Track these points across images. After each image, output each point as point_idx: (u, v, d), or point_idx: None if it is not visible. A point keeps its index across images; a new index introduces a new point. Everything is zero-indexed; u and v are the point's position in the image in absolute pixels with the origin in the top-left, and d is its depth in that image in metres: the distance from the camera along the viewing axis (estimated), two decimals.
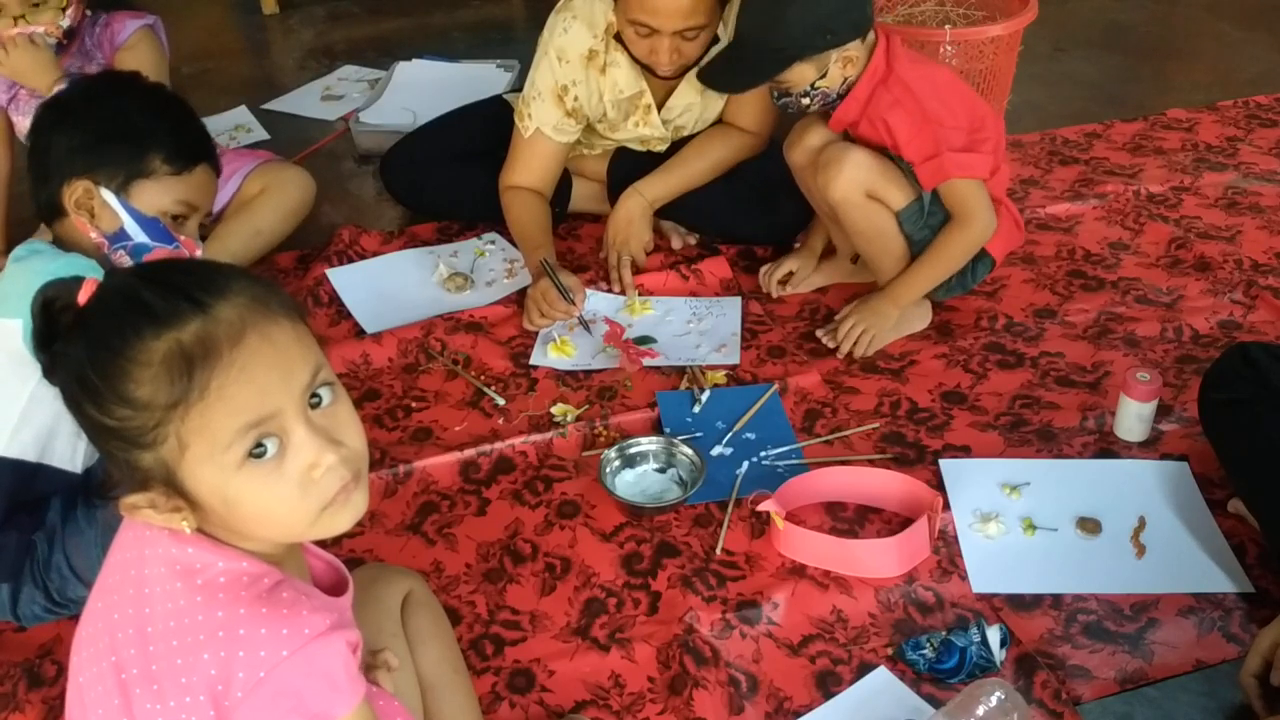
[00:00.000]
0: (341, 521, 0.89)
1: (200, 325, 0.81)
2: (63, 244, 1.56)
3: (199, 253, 1.59)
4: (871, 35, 1.82)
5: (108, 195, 1.53)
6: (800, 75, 1.79)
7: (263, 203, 2.29)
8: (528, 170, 2.22)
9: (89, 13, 2.19)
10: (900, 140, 1.81)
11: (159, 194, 1.56)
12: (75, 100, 1.60)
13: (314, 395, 0.87)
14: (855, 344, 1.95)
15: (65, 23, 2.09)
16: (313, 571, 1.01)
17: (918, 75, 1.80)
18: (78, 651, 0.92)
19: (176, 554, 0.87)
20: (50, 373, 0.87)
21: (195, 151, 1.60)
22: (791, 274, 2.13)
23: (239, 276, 0.87)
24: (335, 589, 0.99)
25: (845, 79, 1.81)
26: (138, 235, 1.56)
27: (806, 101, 1.84)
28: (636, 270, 2.19)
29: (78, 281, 0.86)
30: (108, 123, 1.54)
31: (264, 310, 0.85)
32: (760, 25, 1.77)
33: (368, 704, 0.89)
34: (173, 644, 0.84)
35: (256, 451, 0.83)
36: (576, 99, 2.13)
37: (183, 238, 1.58)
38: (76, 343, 0.84)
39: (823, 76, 1.79)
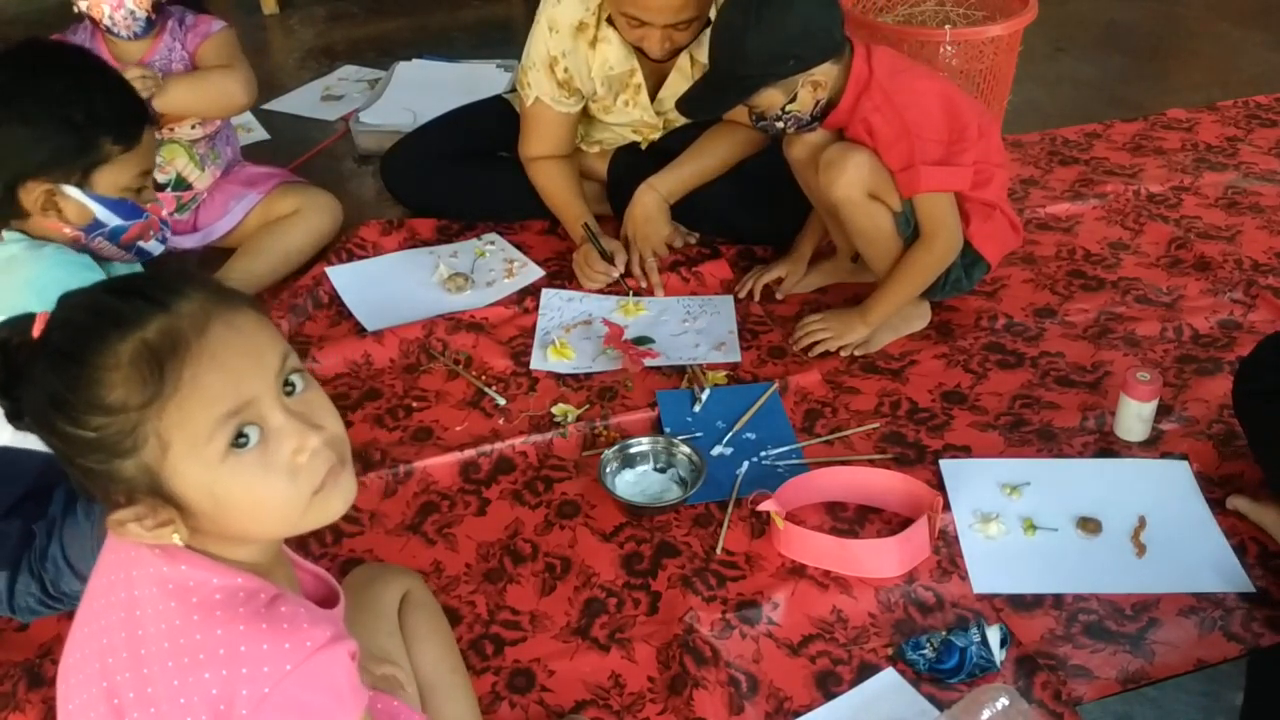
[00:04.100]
0: (334, 506, 0.88)
1: (163, 320, 0.81)
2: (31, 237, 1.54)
3: (165, 212, 1.60)
4: (847, 51, 1.81)
5: (72, 191, 1.51)
6: (768, 100, 1.80)
7: (295, 225, 2.27)
8: (540, 139, 2.24)
9: (172, 9, 2.21)
10: (880, 147, 1.82)
11: (118, 174, 1.54)
12: None
13: (287, 383, 0.86)
14: (811, 345, 1.96)
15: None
16: (302, 585, 1.00)
17: (898, 84, 1.80)
18: (65, 679, 0.90)
19: (168, 573, 0.85)
20: (15, 416, 0.85)
21: (138, 120, 1.57)
22: (781, 280, 2.14)
23: (193, 277, 0.87)
24: (325, 602, 0.98)
25: (817, 101, 1.81)
26: (111, 220, 1.55)
27: (780, 125, 1.85)
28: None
29: (29, 319, 0.86)
30: (39, 118, 1.49)
31: (225, 301, 0.84)
32: (725, 52, 1.79)
33: (369, 713, 0.89)
34: (169, 665, 0.82)
35: (239, 442, 0.82)
36: (566, 70, 2.13)
37: (149, 206, 1.59)
38: (39, 369, 0.82)
39: (792, 100, 1.80)
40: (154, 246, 1.67)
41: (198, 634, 0.83)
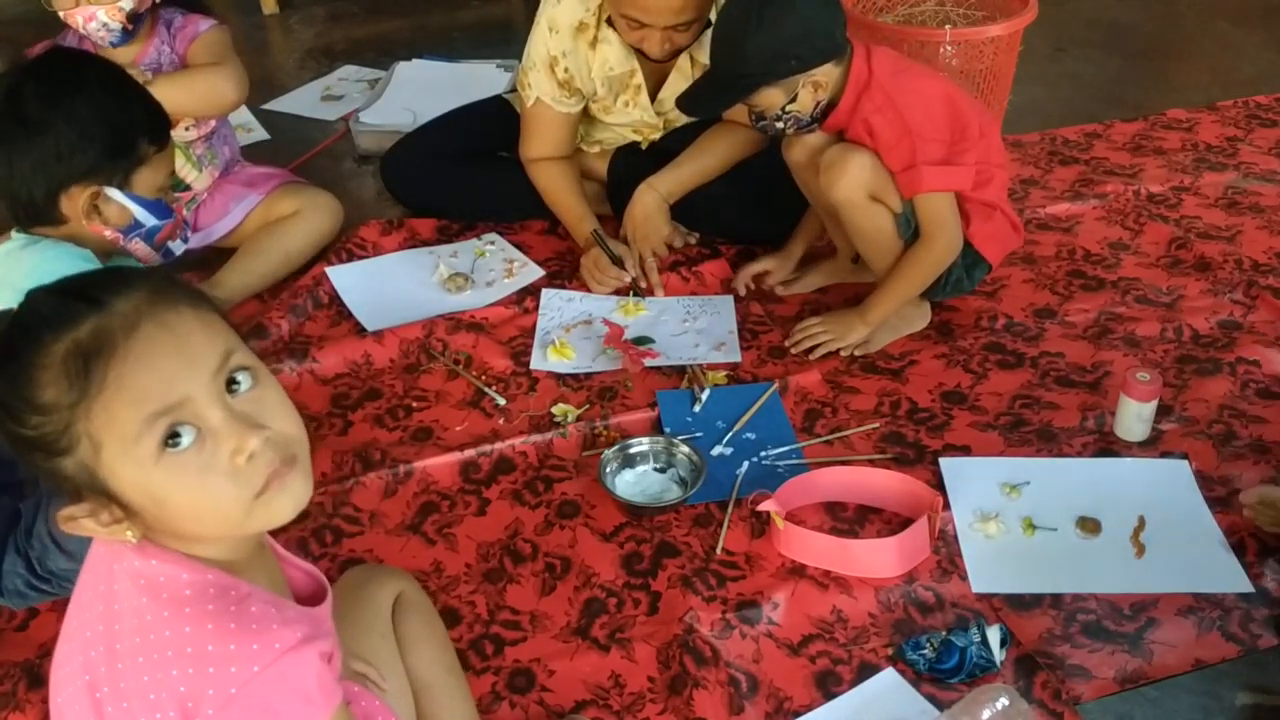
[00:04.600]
0: (281, 508, 0.86)
1: (96, 321, 0.80)
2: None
3: (184, 212, 1.68)
4: (848, 53, 1.81)
5: (115, 195, 1.55)
6: (768, 100, 1.80)
7: (296, 226, 2.26)
8: (540, 140, 2.24)
9: (163, 11, 2.21)
10: (881, 148, 1.82)
11: (154, 174, 1.60)
12: (30, 108, 1.53)
13: (232, 381, 0.84)
14: (812, 347, 1.96)
15: (127, 5, 2.08)
16: (290, 581, 0.99)
17: (899, 85, 1.80)
18: (55, 671, 0.90)
19: (140, 567, 0.85)
20: None
21: (165, 120, 1.62)
22: (767, 273, 2.13)
23: (141, 275, 0.86)
24: (314, 598, 0.98)
25: (818, 102, 1.81)
26: (149, 220, 1.60)
27: (780, 125, 1.85)
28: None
29: (6, 314, 0.86)
30: (85, 123, 1.52)
31: (163, 300, 0.83)
32: (726, 52, 1.80)
33: (346, 709, 0.88)
34: (139, 661, 0.82)
35: (172, 442, 0.81)
36: (567, 70, 2.14)
37: (175, 205, 1.67)
38: None
39: (792, 100, 1.80)
40: (177, 246, 1.72)
41: (167, 630, 0.82)
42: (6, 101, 1.53)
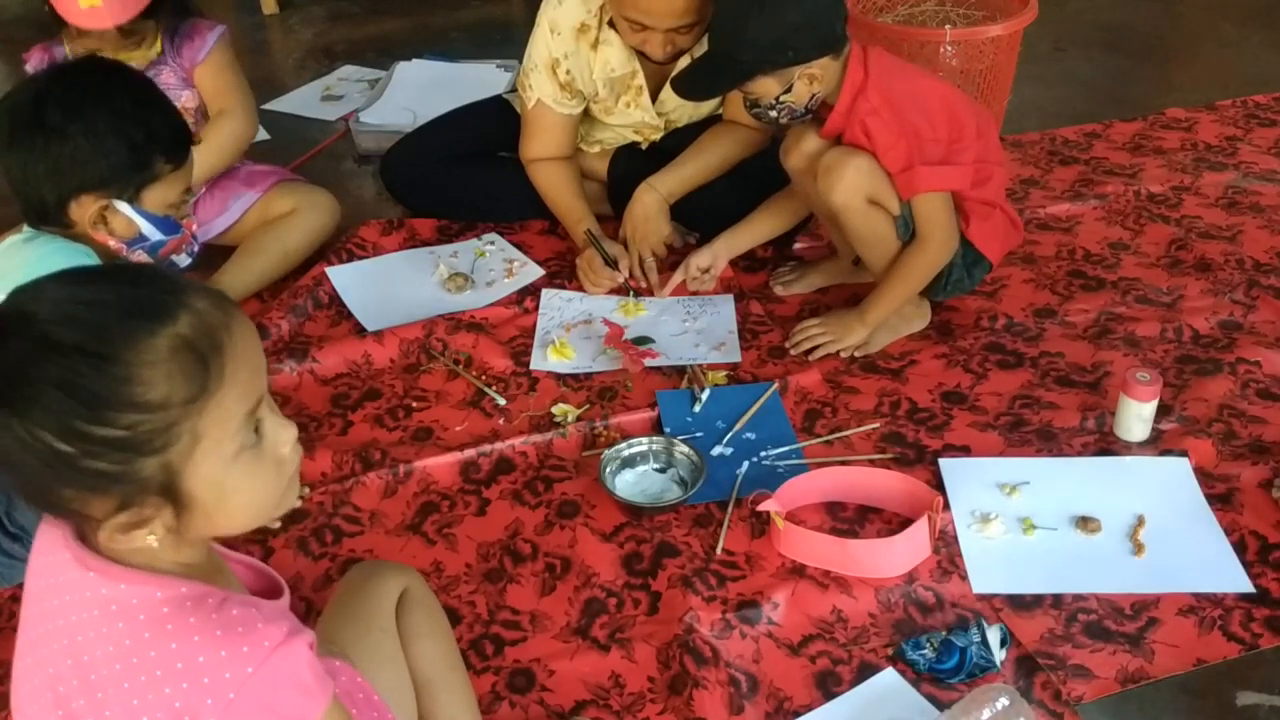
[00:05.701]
0: (293, 497, 0.92)
1: (191, 317, 0.81)
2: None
3: (195, 228, 1.70)
4: (847, 50, 1.81)
5: (124, 208, 1.55)
6: (764, 88, 1.80)
7: (293, 224, 2.27)
8: (541, 141, 2.24)
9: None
10: (878, 150, 1.81)
11: (166, 191, 1.60)
12: (51, 114, 1.53)
13: None
14: (811, 349, 1.96)
15: (153, 55, 2.19)
16: (240, 581, 0.98)
17: (895, 85, 1.79)
18: (19, 711, 0.88)
19: (108, 594, 0.83)
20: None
21: (187, 139, 1.62)
22: (704, 269, 2.10)
23: (177, 274, 0.88)
24: (268, 594, 0.97)
25: (813, 94, 1.81)
26: (154, 235, 1.60)
27: (774, 114, 1.85)
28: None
29: None
30: (102, 136, 1.52)
31: (226, 301, 0.86)
32: (726, 36, 1.80)
33: (339, 701, 0.88)
34: (125, 686, 0.81)
35: (250, 439, 0.85)
36: (569, 72, 2.14)
37: (184, 220, 1.65)
38: (53, 368, 0.76)
39: (787, 91, 1.80)
40: (183, 259, 1.72)
41: (152, 651, 0.81)
42: (31, 104, 1.53)
